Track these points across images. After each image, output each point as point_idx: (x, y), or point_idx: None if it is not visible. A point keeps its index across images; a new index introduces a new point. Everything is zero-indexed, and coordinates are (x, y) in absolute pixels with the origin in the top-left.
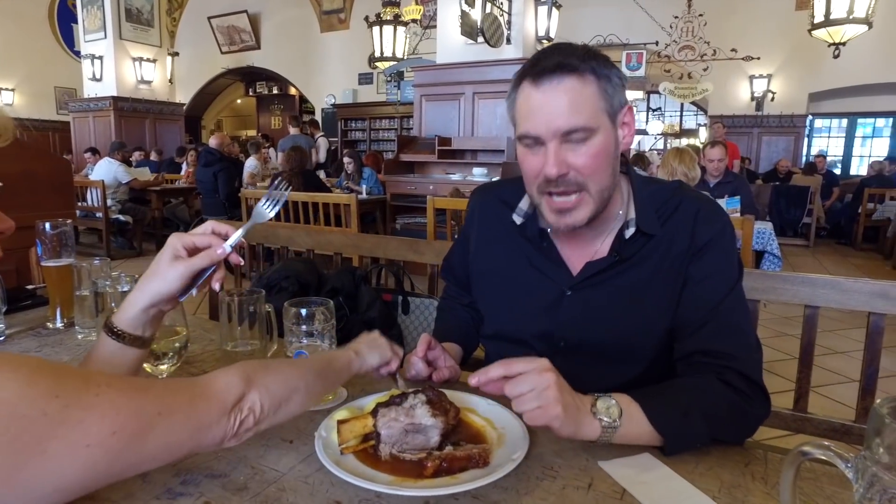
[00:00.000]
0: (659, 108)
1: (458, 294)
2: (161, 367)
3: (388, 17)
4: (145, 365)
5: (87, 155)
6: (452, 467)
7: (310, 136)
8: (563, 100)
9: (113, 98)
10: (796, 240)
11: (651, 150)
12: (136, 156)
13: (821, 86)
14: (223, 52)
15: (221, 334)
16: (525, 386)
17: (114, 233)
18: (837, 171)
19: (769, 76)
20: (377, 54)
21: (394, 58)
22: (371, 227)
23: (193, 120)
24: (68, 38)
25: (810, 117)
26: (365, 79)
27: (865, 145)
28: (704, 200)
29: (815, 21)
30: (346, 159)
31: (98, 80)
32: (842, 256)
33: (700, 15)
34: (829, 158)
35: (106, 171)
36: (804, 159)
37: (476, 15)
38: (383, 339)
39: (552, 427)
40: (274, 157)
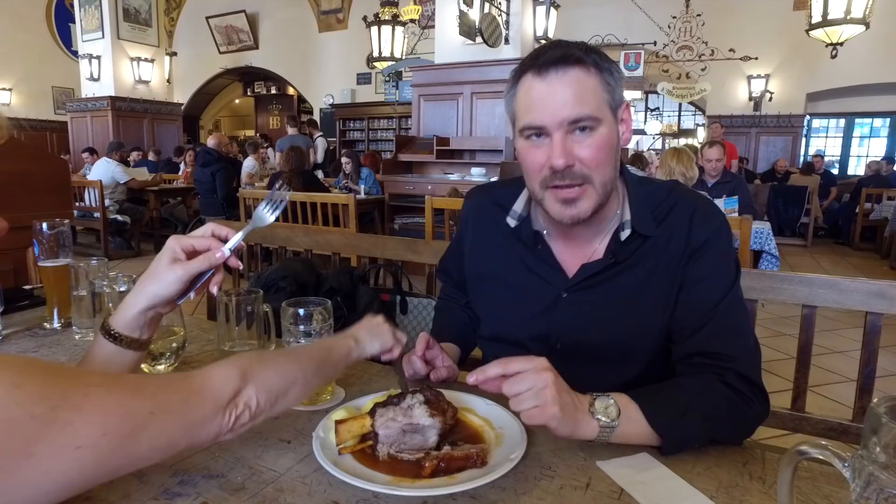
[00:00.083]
0: (657, 108)
1: (455, 294)
2: (158, 367)
3: (387, 17)
4: (143, 365)
5: (85, 155)
6: (450, 467)
7: (308, 136)
8: (568, 90)
9: (111, 98)
10: (794, 239)
11: (649, 150)
12: (134, 156)
13: (818, 86)
14: (221, 52)
15: (219, 334)
16: (523, 385)
17: (112, 233)
18: (835, 170)
19: (767, 76)
20: (375, 54)
21: (392, 58)
22: (369, 227)
23: (191, 120)
24: (66, 38)
25: (808, 117)
26: (363, 79)
27: (863, 145)
28: (700, 200)
29: (812, 21)
30: (344, 159)
31: (96, 80)
32: (839, 256)
33: (698, 15)
34: (826, 158)
35: (104, 171)
36: (802, 159)
37: (474, 15)
38: (386, 325)
39: (549, 426)
40: (272, 157)
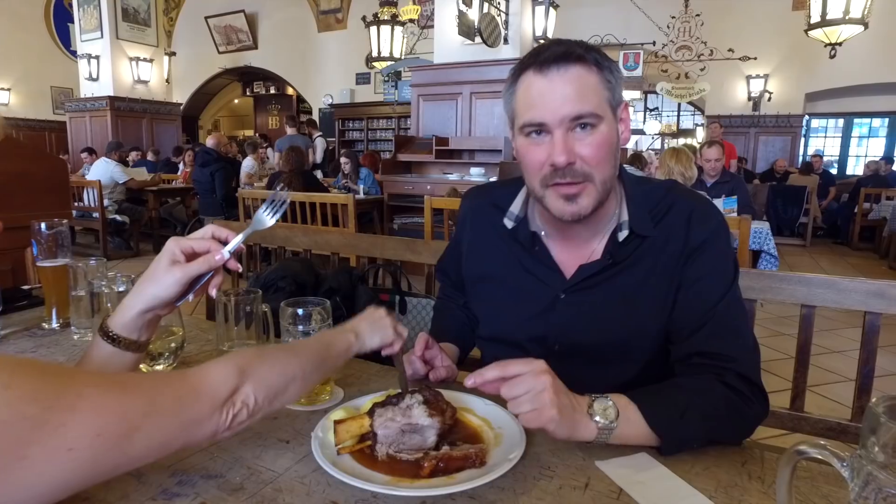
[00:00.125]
0: (656, 108)
1: (453, 294)
2: (157, 366)
3: (386, 17)
4: (141, 365)
5: (84, 155)
6: (449, 467)
7: (307, 136)
8: (570, 87)
9: (109, 98)
10: (793, 239)
11: (648, 150)
12: (133, 156)
13: (817, 86)
14: (220, 52)
15: (218, 334)
16: (521, 388)
17: (111, 233)
18: (834, 170)
19: (766, 76)
20: (374, 54)
21: (391, 58)
22: (368, 227)
23: (190, 120)
24: (64, 38)
25: (807, 117)
26: (362, 79)
27: (862, 145)
28: (698, 200)
29: (811, 21)
30: (342, 159)
31: (94, 80)
32: (838, 256)
33: (697, 15)
34: (825, 158)
35: (102, 171)
36: (801, 159)
37: (473, 15)
38: (387, 318)
39: (547, 430)
40: (271, 157)
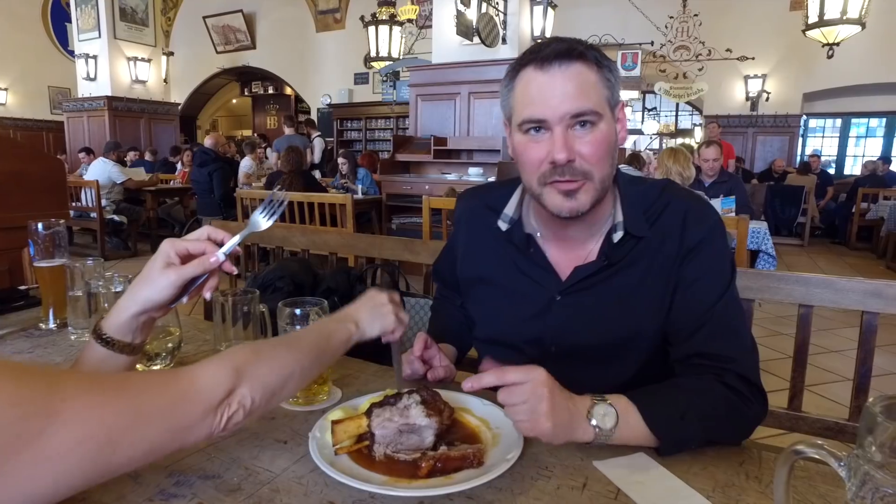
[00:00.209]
0: (654, 108)
1: (450, 295)
2: (154, 367)
3: (384, 17)
4: (138, 365)
5: (82, 155)
6: (447, 467)
7: (305, 136)
8: (571, 84)
9: (107, 98)
10: (791, 239)
11: (646, 150)
12: (131, 156)
13: (815, 86)
14: (218, 52)
15: (215, 335)
16: (517, 397)
17: (108, 233)
18: (832, 170)
19: (764, 76)
20: (373, 54)
21: (389, 58)
22: (366, 227)
23: (188, 120)
24: (62, 38)
25: (805, 117)
26: (361, 79)
27: (859, 145)
28: (693, 199)
29: (809, 21)
30: (340, 160)
31: (92, 80)
32: (836, 256)
33: (695, 15)
34: (823, 158)
35: (100, 171)
36: (798, 159)
37: (472, 15)
38: (389, 305)
39: (542, 439)
40: (269, 157)
